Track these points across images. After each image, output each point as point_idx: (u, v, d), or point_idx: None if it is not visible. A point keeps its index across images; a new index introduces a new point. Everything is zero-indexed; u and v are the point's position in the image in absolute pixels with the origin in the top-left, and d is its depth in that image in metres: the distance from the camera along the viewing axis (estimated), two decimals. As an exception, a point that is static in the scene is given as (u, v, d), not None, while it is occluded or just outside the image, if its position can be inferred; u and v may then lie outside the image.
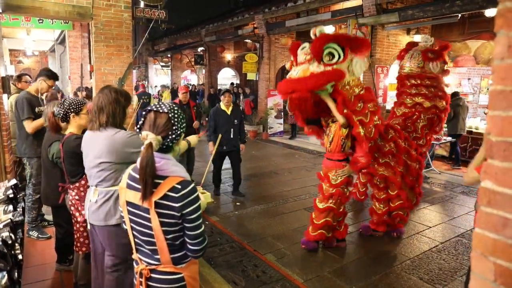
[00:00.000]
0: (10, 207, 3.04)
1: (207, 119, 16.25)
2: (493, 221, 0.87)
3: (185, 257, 1.66)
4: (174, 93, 16.94)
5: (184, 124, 1.65)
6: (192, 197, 1.55)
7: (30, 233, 4.10)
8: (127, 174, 1.69)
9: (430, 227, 4.80)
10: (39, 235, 4.09)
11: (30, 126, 3.97)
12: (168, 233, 1.56)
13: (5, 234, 2.48)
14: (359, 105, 3.62)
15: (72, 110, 2.77)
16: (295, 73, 3.38)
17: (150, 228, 1.57)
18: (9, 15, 8.14)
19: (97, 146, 2.26)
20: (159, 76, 22.70)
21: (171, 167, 1.57)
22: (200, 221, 1.60)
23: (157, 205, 1.53)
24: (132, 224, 1.65)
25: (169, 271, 1.63)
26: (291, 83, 3.38)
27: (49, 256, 3.64)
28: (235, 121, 5.58)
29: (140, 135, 1.61)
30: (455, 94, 7.87)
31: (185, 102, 6.02)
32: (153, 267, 1.64)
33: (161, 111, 1.59)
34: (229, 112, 5.55)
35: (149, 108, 1.62)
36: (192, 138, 2.67)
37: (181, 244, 1.62)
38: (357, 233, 4.51)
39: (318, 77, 3.24)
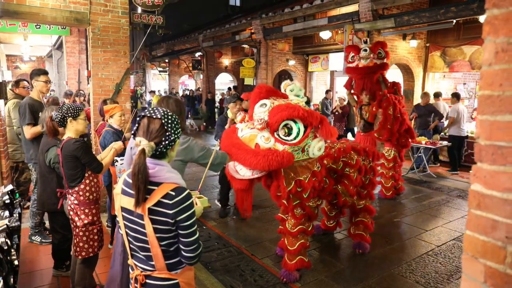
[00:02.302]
0: (6, 213, 3.04)
1: (204, 124, 16.00)
2: (482, 224, 0.89)
3: (180, 263, 1.66)
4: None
5: (179, 130, 1.64)
6: (186, 203, 1.55)
7: (33, 238, 4.08)
8: (122, 180, 1.69)
9: (427, 230, 4.82)
10: (42, 240, 4.07)
11: (28, 132, 3.96)
12: (162, 239, 1.56)
13: (1, 240, 2.47)
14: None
15: (70, 114, 2.79)
16: (241, 134, 2.85)
17: (144, 234, 1.57)
18: (6, 20, 8.16)
19: None
20: (156, 81, 22.74)
21: (165, 174, 1.57)
22: (195, 228, 1.60)
23: (151, 211, 1.52)
24: (127, 230, 1.65)
25: (164, 277, 1.63)
26: (232, 151, 2.79)
27: (46, 262, 3.63)
28: None
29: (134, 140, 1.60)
30: None
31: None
32: (148, 273, 1.64)
33: (154, 117, 1.58)
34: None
35: (143, 113, 1.62)
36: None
37: (175, 250, 1.62)
38: (354, 237, 4.52)
39: (258, 159, 2.66)
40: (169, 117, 1.60)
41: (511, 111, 0.83)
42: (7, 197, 3.30)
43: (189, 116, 15.75)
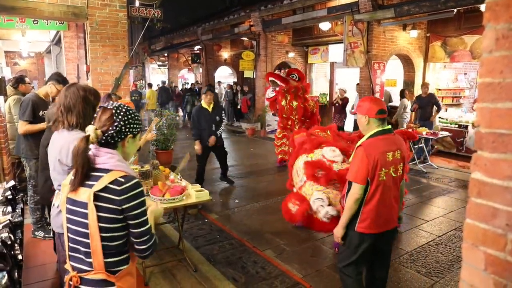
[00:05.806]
0: (9, 208, 3.06)
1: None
2: (483, 212, 0.89)
3: (120, 264, 1.57)
4: (166, 92, 16.67)
5: (134, 125, 1.62)
6: (135, 191, 1.51)
7: (36, 233, 4.09)
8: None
9: (428, 221, 4.83)
10: (46, 235, 4.08)
11: (22, 128, 3.89)
12: (104, 230, 1.50)
13: (4, 235, 2.49)
14: None
15: None
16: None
17: (86, 225, 1.51)
18: (3, 16, 8.10)
19: (58, 147, 2.13)
20: (156, 76, 22.66)
21: (115, 162, 1.55)
22: (145, 218, 1.56)
23: (97, 197, 1.48)
24: (68, 225, 1.58)
25: (101, 279, 1.53)
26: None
27: (49, 257, 3.65)
28: (217, 117, 5.71)
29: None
30: None
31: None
32: (83, 274, 1.55)
33: (109, 107, 1.61)
34: (210, 110, 5.67)
35: (101, 105, 1.66)
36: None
37: (118, 247, 1.55)
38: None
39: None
40: (123, 110, 1.61)
41: (511, 98, 0.82)
42: (9, 192, 3.32)
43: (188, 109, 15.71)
